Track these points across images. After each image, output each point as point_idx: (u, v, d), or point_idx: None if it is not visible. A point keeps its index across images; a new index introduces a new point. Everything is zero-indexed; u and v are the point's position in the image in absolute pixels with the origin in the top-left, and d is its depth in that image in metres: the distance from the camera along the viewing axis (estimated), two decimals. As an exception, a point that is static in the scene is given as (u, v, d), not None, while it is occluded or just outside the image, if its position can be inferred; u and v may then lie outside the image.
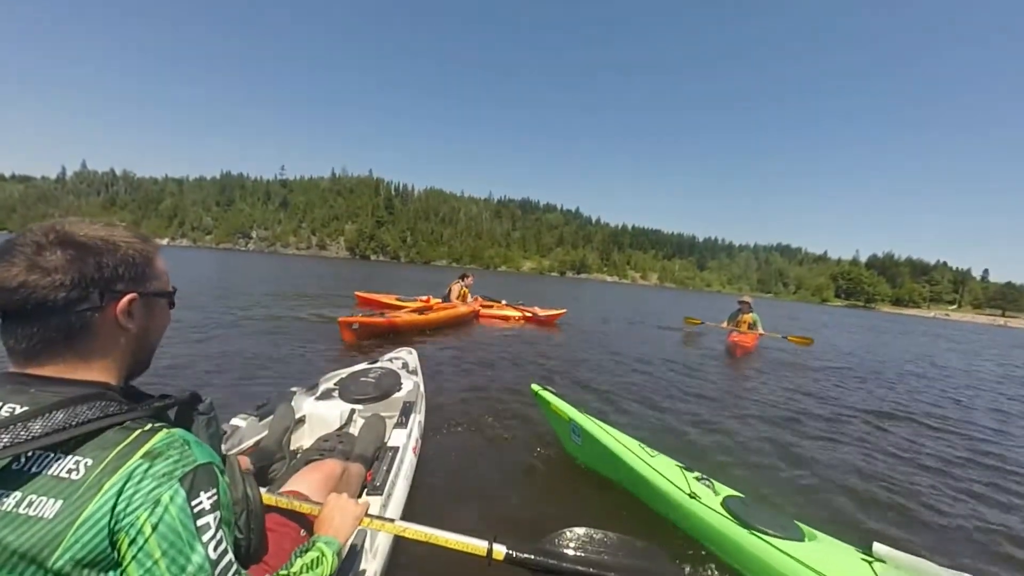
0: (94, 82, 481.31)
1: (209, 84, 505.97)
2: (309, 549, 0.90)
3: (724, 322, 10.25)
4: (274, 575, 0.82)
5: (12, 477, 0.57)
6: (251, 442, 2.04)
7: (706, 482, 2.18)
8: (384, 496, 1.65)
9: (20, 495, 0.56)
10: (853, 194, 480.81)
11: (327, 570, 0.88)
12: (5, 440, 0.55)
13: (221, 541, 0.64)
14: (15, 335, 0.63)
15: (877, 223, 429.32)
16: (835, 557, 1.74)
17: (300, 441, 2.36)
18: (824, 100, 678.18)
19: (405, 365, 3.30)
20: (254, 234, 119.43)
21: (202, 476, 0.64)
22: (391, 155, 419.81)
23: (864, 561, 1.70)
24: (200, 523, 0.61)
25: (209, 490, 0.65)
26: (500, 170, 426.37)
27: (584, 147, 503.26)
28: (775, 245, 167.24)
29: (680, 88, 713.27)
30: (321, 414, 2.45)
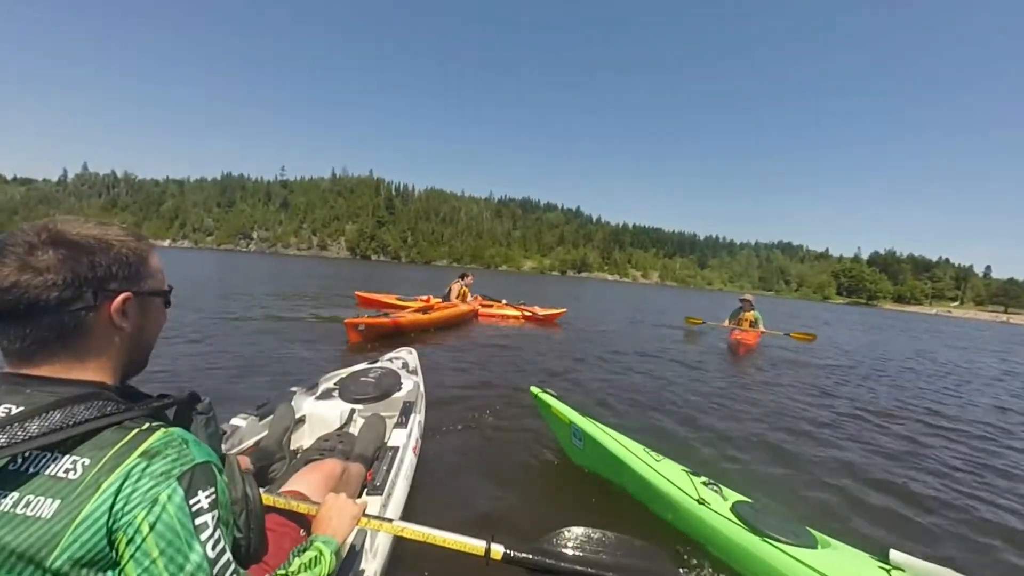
0: (95, 83, 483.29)
1: (209, 85, 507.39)
2: (307, 549, 0.90)
3: (725, 321, 10.23)
4: (272, 575, 0.82)
5: (10, 477, 0.57)
6: (251, 442, 2.03)
7: (714, 487, 2.11)
8: (384, 496, 1.64)
9: (18, 495, 0.56)
10: (854, 191, 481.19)
11: (325, 569, 0.88)
12: (2, 440, 0.55)
13: (219, 540, 0.64)
14: (8, 335, 0.63)
15: (879, 220, 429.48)
16: (851, 565, 1.68)
17: (300, 441, 2.35)
18: (824, 99, 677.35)
19: (405, 365, 3.28)
20: (255, 235, 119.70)
21: (200, 475, 0.64)
22: (391, 155, 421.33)
23: (882, 569, 1.63)
24: (198, 522, 0.61)
25: (207, 489, 0.64)
26: (500, 170, 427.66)
27: (584, 146, 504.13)
28: (776, 243, 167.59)
29: (680, 88, 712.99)
30: (321, 414, 2.44)
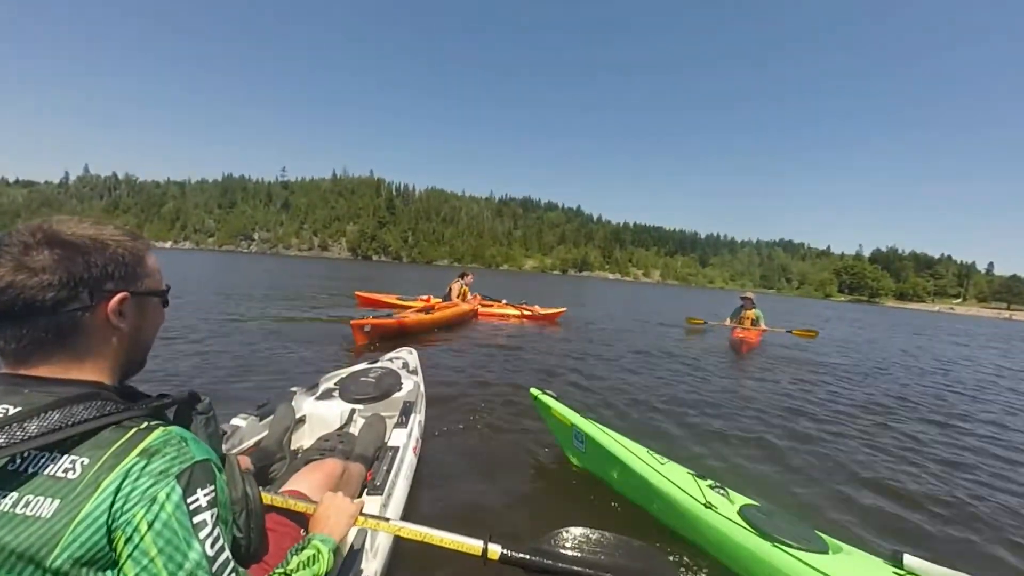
0: (96, 85, 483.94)
1: (210, 86, 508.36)
2: (305, 547, 0.90)
3: (727, 319, 10.22)
4: (271, 574, 0.81)
5: (9, 478, 0.57)
6: (251, 442, 2.03)
7: (720, 490, 2.06)
8: (384, 496, 1.64)
9: (17, 495, 0.56)
10: (856, 189, 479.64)
11: (323, 567, 0.88)
12: (1, 441, 0.55)
13: (218, 539, 0.63)
14: (5, 336, 0.62)
15: (881, 217, 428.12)
16: (865, 571, 1.64)
17: (300, 441, 2.35)
18: (825, 97, 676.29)
19: (405, 365, 3.28)
20: (256, 236, 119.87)
21: (199, 473, 0.64)
22: (392, 155, 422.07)
23: (896, 575, 1.60)
24: (197, 520, 0.61)
25: (206, 487, 0.64)
26: (501, 169, 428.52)
27: (585, 145, 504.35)
28: (778, 240, 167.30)
29: (681, 87, 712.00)
30: (321, 414, 2.44)
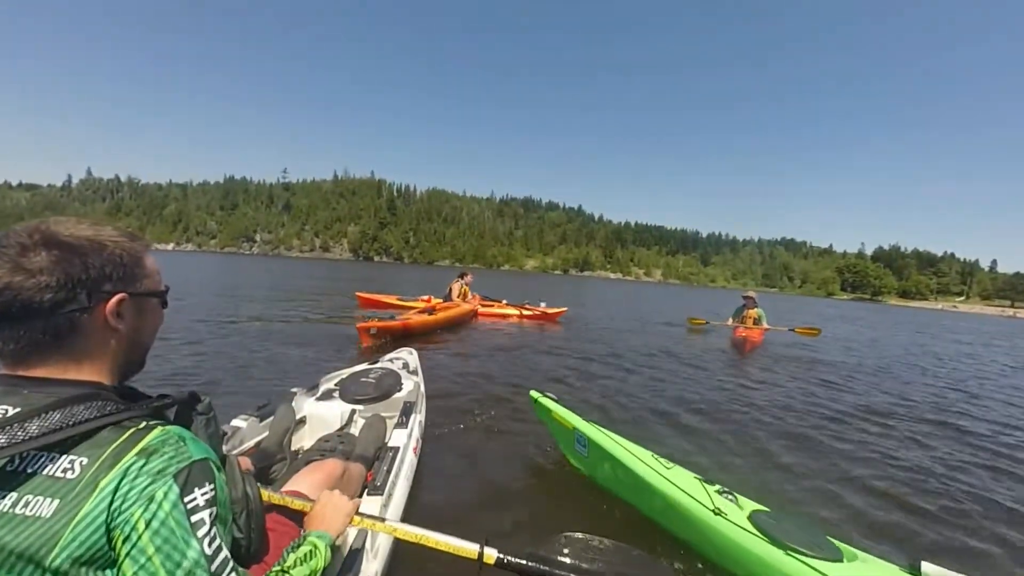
0: (98, 88, 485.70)
1: (211, 88, 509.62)
2: (301, 544, 0.89)
3: (729, 319, 10.19)
4: (269, 572, 0.80)
5: (8, 478, 0.57)
6: (252, 443, 2.03)
7: (729, 496, 2.00)
8: (385, 496, 1.64)
9: (17, 495, 0.56)
10: (857, 188, 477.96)
11: (321, 562, 0.87)
12: (2, 441, 0.55)
13: (216, 537, 0.63)
14: (2, 337, 0.62)
15: (883, 215, 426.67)
16: None
17: (301, 442, 2.35)
18: (826, 97, 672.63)
19: (405, 365, 3.28)
20: (258, 237, 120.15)
21: (197, 473, 0.64)
22: (393, 156, 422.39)
23: None
24: (194, 519, 0.61)
25: (204, 486, 0.64)
26: (502, 169, 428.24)
27: (586, 145, 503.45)
28: (780, 239, 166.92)
29: (681, 87, 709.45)
30: (322, 414, 2.44)
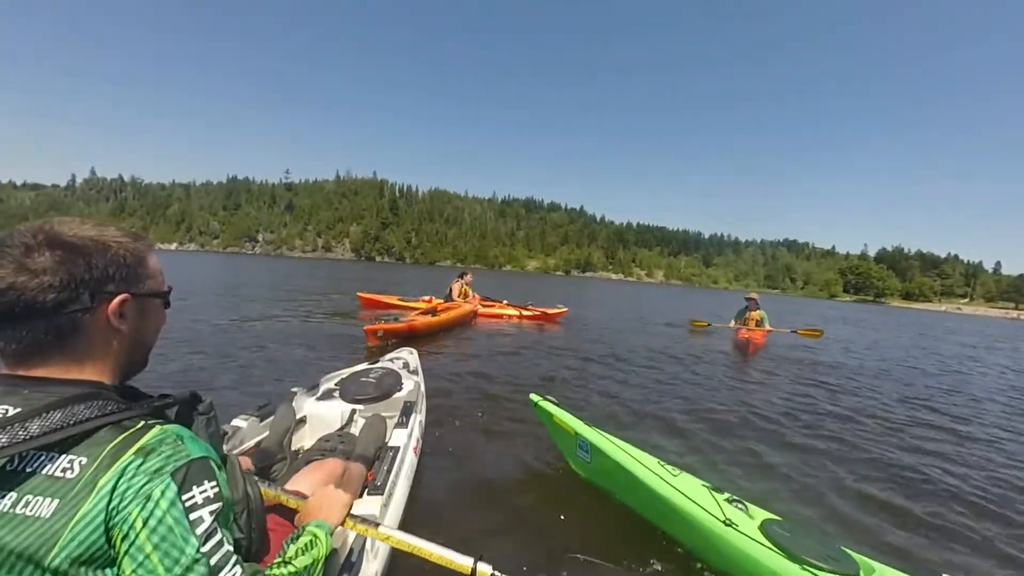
0: (101, 88, 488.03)
1: (213, 89, 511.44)
2: (301, 535, 0.88)
3: (731, 321, 10.15)
4: (270, 566, 0.79)
5: (8, 477, 0.57)
6: (252, 443, 2.04)
7: (739, 504, 1.92)
8: (385, 496, 1.64)
9: (16, 495, 0.56)
10: (857, 189, 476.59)
11: (323, 551, 0.86)
12: (3, 440, 0.55)
13: (214, 533, 0.63)
14: (5, 337, 0.62)
15: (886, 216, 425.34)
16: None
17: (301, 441, 2.35)
18: (828, 97, 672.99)
19: (406, 365, 3.28)
20: (260, 237, 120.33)
21: (196, 471, 0.64)
22: (394, 156, 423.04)
23: None
24: (193, 517, 0.61)
25: (203, 484, 0.64)
26: (502, 169, 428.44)
27: (587, 146, 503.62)
28: (782, 240, 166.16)
29: (681, 87, 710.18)
30: (322, 414, 2.44)
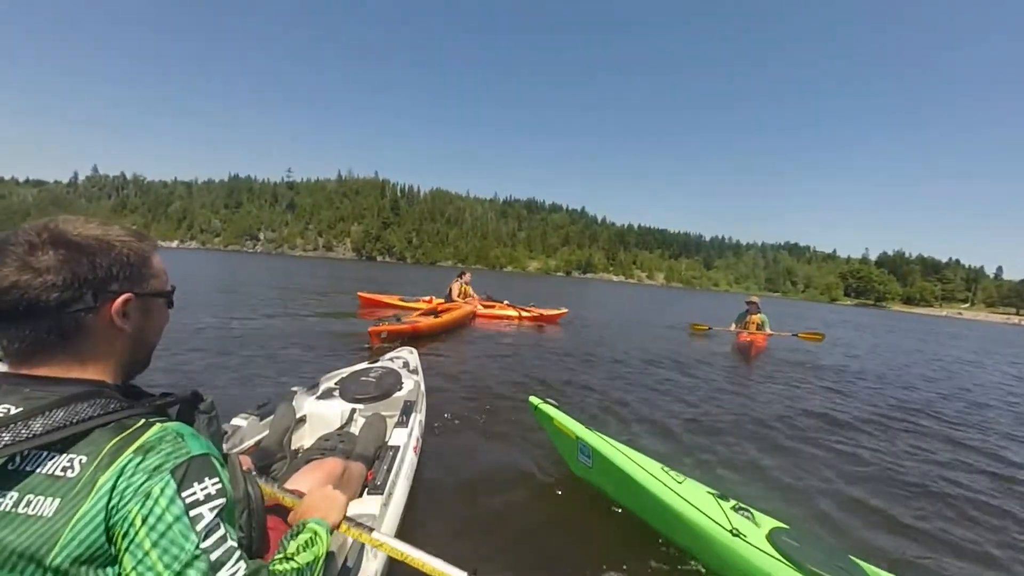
0: (104, 88, 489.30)
1: (215, 88, 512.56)
2: (300, 531, 0.87)
3: (732, 325, 10.13)
4: (271, 561, 0.78)
5: (9, 477, 0.57)
6: (252, 442, 2.04)
7: (745, 512, 1.87)
8: (385, 495, 1.64)
9: (17, 495, 0.56)
10: (857, 189, 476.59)
11: (323, 548, 0.86)
12: (6, 439, 0.55)
13: (216, 529, 0.63)
14: (7, 336, 0.62)
15: (882, 218, 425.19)
16: None
17: (301, 441, 2.35)
18: (829, 98, 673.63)
19: (406, 364, 3.28)
20: (261, 236, 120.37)
21: (196, 468, 0.63)
22: (395, 156, 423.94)
23: None
24: (193, 514, 0.60)
25: (203, 481, 0.64)
26: (503, 170, 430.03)
27: (588, 147, 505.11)
28: (783, 243, 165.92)
29: (681, 87, 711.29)
30: (322, 413, 2.44)
